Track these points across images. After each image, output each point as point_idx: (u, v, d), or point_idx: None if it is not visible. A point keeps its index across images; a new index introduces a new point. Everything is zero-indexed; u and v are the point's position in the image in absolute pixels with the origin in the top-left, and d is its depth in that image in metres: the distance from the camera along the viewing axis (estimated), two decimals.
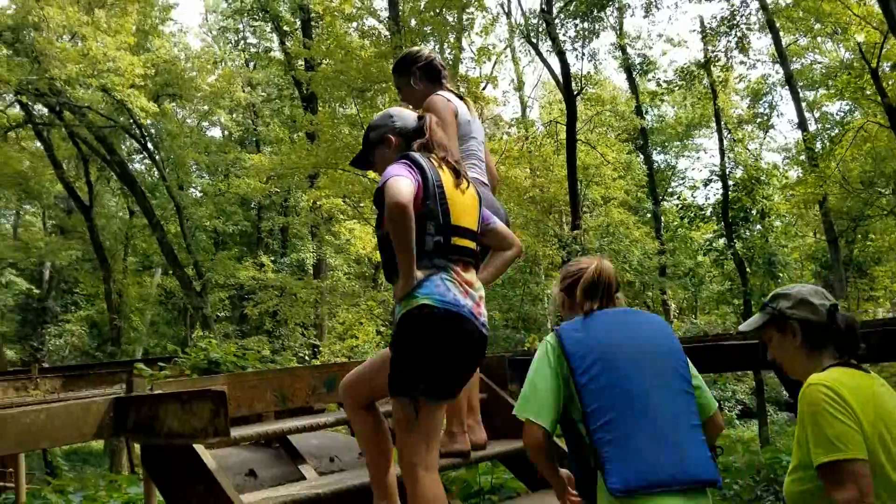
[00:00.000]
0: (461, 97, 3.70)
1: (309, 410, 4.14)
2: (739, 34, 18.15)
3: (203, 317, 20.80)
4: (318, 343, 21.66)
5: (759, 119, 28.92)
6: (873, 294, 24.04)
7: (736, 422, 19.48)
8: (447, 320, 2.53)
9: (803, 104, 22.98)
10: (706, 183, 26.24)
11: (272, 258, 24.91)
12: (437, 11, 17.32)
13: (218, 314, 24.96)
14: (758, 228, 22.03)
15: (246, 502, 2.90)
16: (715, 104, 23.32)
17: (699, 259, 26.87)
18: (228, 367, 6.03)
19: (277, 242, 27.79)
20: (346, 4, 18.65)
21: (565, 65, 18.54)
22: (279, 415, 4.05)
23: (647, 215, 28.04)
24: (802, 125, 21.83)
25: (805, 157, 21.79)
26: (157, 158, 24.73)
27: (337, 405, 4.24)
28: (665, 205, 28.60)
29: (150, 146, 24.69)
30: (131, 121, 21.90)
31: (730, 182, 22.33)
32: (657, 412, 2.21)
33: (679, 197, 29.27)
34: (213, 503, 2.84)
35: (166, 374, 5.80)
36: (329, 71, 18.53)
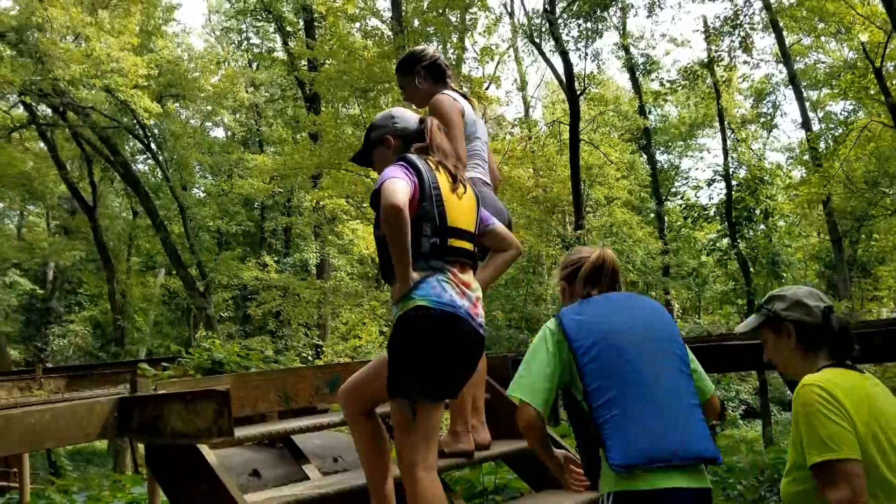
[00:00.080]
0: (466, 97, 3.69)
1: (312, 411, 4.13)
2: (743, 34, 18.12)
3: (206, 317, 20.82)
4: (322, 343, 21.67)
5: (763, 119, 28.91)
6: (877, 294, 23.99)
7: (740, 422, 19.45)
8: (444, 321, 2.53)
9: (807, 104, 22.98)
10: (709, 183, 26.24)
11: (275, 258, 24.92)
12: (440, 11, 17.32)
13: (221, 314, 24.98)
14: (761, 228, 21.99)
15: (250, 502, 2.90)
16: (718, 104, 23.28)
17: (703, 259, 26.83)
18: (232, 368, 6.04)
19: (281, 243, 27.81)
20: (350, 5, 18.66)
21: (568, 65, 18.52)
22: (283, 415, 4.03)
23: (651, 215, 28.01)
24: (806, 125, 21.80)
25: (809, 157, 21.74)
26: (161, 159, 24.75)
27: (340, 405, 4.24)
28: (668, 205, 28.57)
29: (154, 147, 24.71)
30: (135, 121, 21.94)
31: (733, 182, 22.29)
32: (657, 391, 2.22)
33: (682, 197, 29.23)
34: (217, 503, 2.84)
35: (170, 375, 5.80)
36: (332, 71, 18.55)
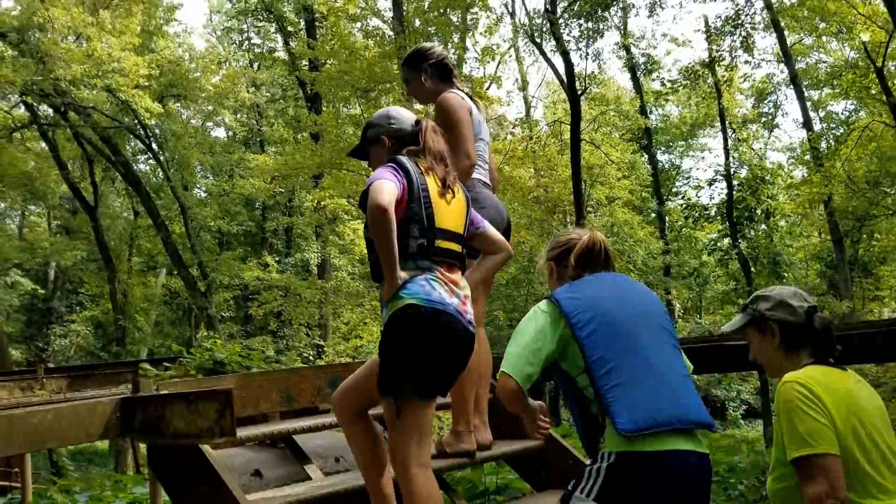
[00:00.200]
0: (472, 97, 3.69)
1: (314, 411, 4.12)
2: (744, 33, 18.09)
3: (208, 317, 20.82)
4: (323, 343, 21.68)
5: (764, 118, 28.87)
6: (879, 294, 23.93)
7: (741, 422, 19.44)
8: (434, 319, 2.54)
9: (808, 103, 22.96)
10: (711, 182, 26.19)
11: (276, 258, 24.94)
12: (441, 11, 17.31)
13: (222, 314, 24.99)
14: (762, 228, 21.99)
15: (252, 502, 2.91)
16: (719, 104, 23.26)
17: (704, 259, 26.83)
18: (233, 368, 6.04)
19: (282, 243, 27.82)
20: (351, 5, 18.65)
21: (569, 64, 18.48)
22: (284, 415, 4.03)
23: (652, 215, 27.99)
24: (807, 124, 21.79)
25: (810, 157, 21.71)
26: (162, 159, 24.76)
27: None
28: (669, 204, 28.56)
29: (155, 146, 24.73)
30: (136, 121, 21.94)
31: (734, 182, 22.29)
32: (655, 361, 2.30)
33: (683, 196, 29.21)
34: (219, 503, 2.84)
35: (171, 375, 5.81)
36: (333, 71, 18.55)
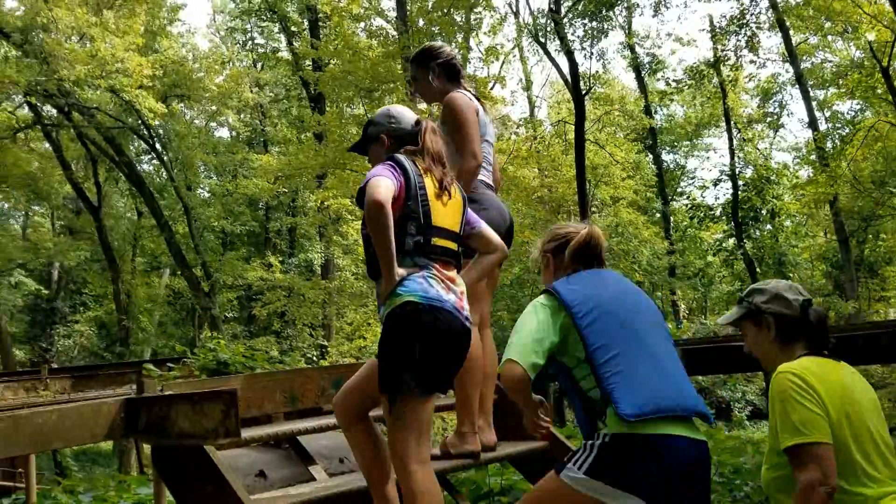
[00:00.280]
0: (479, 99, 3.69)
1: (318, 411, 4.10)
2: (749, 33, 18.01)
3: (211, 317, 20.81)
4: (326, 344, 21.68)
5: (769, 118, 28.78)
6: (885, 294, 23.86)
7: (746, 423, 19.35)
8: (431, 315, 2.57)
9: (814, 103, 22.87)
10: (716, 183, 26.23)
11: (280, 259, 24.95)
12: (445, 11, 17.30)
13: (226, 315, 25.00)
14: (768, 228, 21.97)
15: (256, 502, 2.89)
16: (724, 103, 23.24)
17: (709, 259, 26.81)
18: (237, 368, 6.03)
19: (285, 243, 27.84)
20: (354, 5, 18.65)
21: (574, 64, 18.47)
22: (288, 416, 4.02)
23: (657, 215, 27.94)
24: (813, 124, 21.74)
25: (815, 157, 21.68)
26: (166, 159, 24.79)
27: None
28: (674, 205, 28.50)
29: (159, 147, 24.74)
30: (139, 121, 21.94)
31: (739, 182, 22.27)
32: (654, 350, 2.37)
33: (688, 197, 29.20)
34: None
35: (176, 376, 5.80)
36: (337, 71, 18.55)
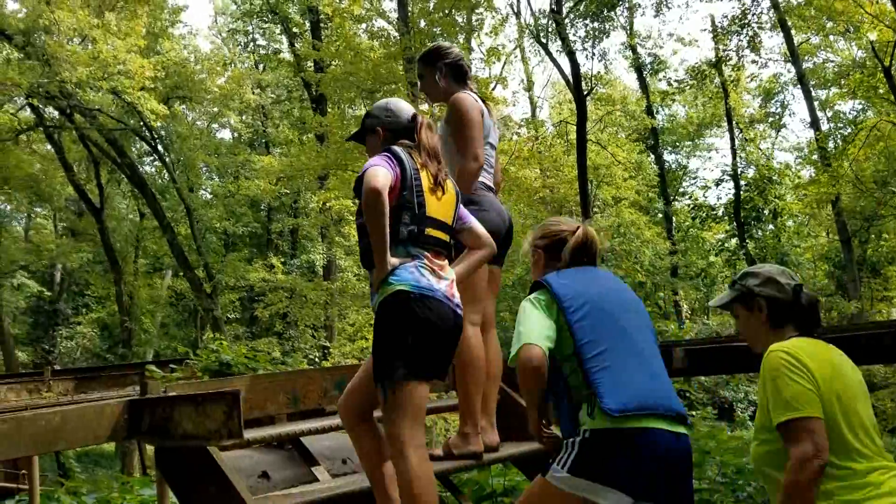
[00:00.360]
0: (483, 100, 3.70)
1: (321, 412, 4.11)
2: (751, 33, 18.03)
3: (213, 319, 20.82)
4: (329, 345, 21.68)
5: (771, 118, 28.75)
6: (887, 294, 23.81)
7: (749, 423, 19.32)
8: (423, 303, 2.64)
9: (815, 103, 22.85)
10: (718, 183, 26.18)
11: (282, 260, 24.96)
12: (447, 12, 17.30)
13: (228, 316, 25.02)
14: (770, 228, 21.94)
15: None
16: (726, 103, 23.21)
17: (711, 259, 26.76)
18: (239, 369, 6.04)
19: (287, 244, 27.85)
20: (356, 6, 18.65)
21: (575, 65, 18.46)
22: (291, 417, 4.03)
23: (659, 215, 27.91)
24: (815, 124, 21.70)
25: (818, 157, 21.66)
26: (168, 160, 24.81)
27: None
28: (676, 205, 28.46)
29: (161, 148, 24.78)
30: (141, 123, 21.96)
31: (742, 182, 22.24)
32: (641, 349, 2.43)
33: (691, 197, 29.15)
34: None
35: (178, 377, 5.80)
36: (338, 72, 18.57)
